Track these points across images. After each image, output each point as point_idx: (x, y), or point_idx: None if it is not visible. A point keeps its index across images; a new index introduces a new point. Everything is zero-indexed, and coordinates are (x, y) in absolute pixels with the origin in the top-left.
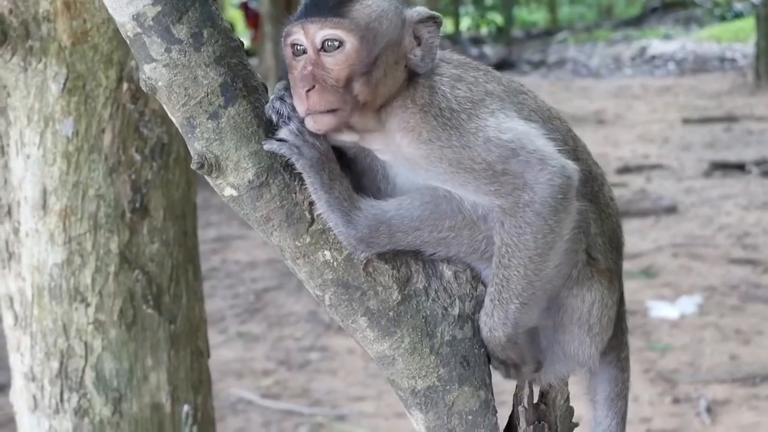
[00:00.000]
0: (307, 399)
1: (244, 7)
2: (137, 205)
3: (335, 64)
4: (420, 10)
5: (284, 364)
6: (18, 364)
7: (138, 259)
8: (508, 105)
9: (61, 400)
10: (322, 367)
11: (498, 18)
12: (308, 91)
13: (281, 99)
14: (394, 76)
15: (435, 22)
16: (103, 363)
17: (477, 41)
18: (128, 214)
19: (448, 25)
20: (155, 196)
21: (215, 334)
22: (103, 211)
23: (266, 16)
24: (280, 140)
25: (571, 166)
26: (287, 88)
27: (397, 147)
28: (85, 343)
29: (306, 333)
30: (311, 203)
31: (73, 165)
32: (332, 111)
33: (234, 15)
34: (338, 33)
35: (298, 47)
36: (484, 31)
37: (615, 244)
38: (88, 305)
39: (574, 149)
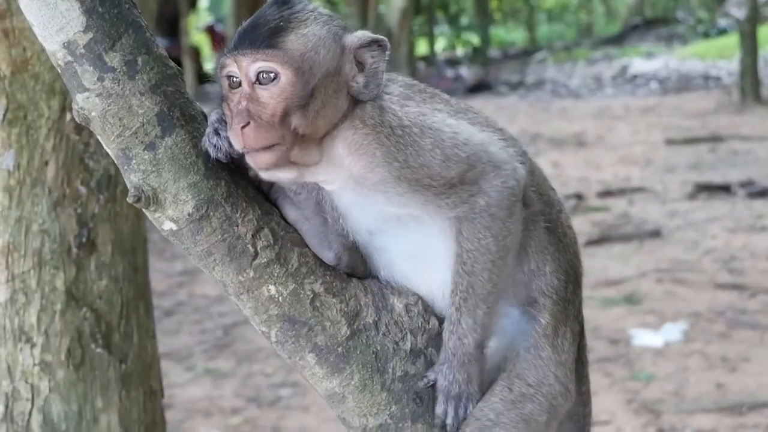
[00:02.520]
0: None
1: (211, 30)
2: (84, 240)
3: (270, 97)
4: (360, 35)
5: (254, 401)
6: None
7: (85, 297)
8: (460, 116)
9: None
10: (294, 403)
11: (474, 38)
12: (243, 127)
13: (216, 132)
14: (334, 105)
15: (379, 45)
16: (50, 405)
17: (453, 62)
18: (74, 250)
19: (422, 47)
20: (103, 231)
21: (182, 371)
22: (47, 246)
23: None
24: None
25: (521, 170)
26: (222, 120)
27: (346, 173)
28: (32, 385)
29: (276, 369)
30: (254, 236)
31: (15, 199)
32: (270, 147)
33: (200, 38)
34: (272, 65)
35: (234, 79)
36: (460, 51)
37: (572, 277)
38: (33, 345)
39: (531, 171)
